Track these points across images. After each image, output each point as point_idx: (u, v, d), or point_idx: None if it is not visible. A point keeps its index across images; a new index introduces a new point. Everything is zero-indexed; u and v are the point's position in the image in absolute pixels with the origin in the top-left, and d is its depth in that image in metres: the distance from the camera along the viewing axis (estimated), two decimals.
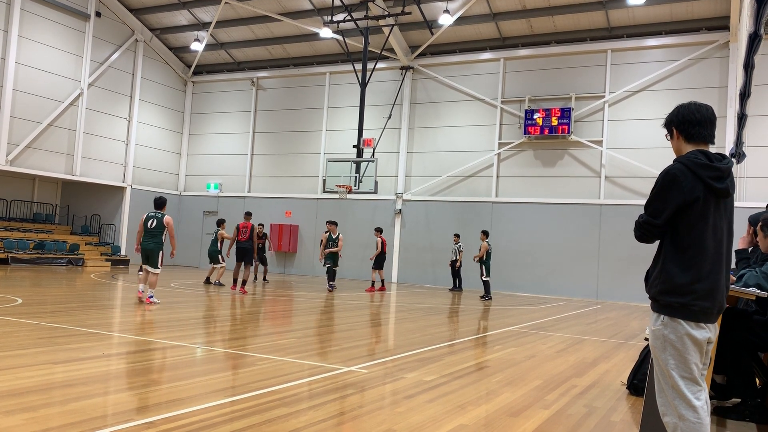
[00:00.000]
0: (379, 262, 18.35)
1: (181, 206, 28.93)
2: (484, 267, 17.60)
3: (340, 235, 17.61)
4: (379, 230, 19.10)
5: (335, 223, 17.67)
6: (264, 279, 19.77)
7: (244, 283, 15.07)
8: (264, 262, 19.44)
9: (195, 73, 29.33)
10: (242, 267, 15.44)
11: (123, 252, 25.97)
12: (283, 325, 9.67)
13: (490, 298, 17.64)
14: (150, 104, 27.58)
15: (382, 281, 18.72)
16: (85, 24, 24.57)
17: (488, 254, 17.67)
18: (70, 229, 26.34)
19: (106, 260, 24.40)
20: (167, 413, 4.18)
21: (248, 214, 16.27)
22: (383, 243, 18.42)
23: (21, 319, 8.22)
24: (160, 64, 28.08)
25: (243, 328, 9.03)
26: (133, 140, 26.73)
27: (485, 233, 18.11)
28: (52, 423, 3.81)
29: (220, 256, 16.96)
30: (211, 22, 25.98)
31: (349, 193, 21.75)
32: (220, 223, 17.84)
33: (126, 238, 26.23)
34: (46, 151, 23.39)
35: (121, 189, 26.38)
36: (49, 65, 23.30)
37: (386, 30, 23.10)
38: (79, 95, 24.37)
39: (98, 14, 24.98)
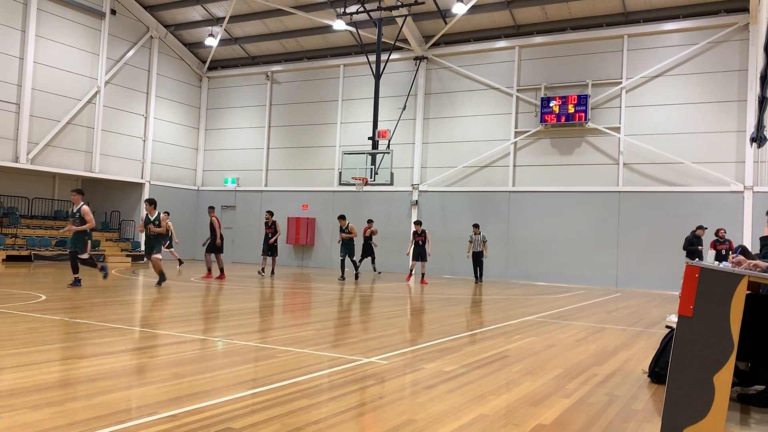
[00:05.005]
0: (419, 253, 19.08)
1: (199, 201, 29.14)
2: (350, 249, 18.88)
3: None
4: (419, 223, 19.22)
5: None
6: (271, 272, 19.46)
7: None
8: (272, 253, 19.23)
9: (210, 69, 29.46)
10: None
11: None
12: (302, 317, 9.73)
13: (345, 278, 18.91)
14: (166, 100, 27.76)
15: (417, 272, 19.33)
16: (101, 22, 24.76)
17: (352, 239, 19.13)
18: None
19: (127, 256, 24.69)
20: (190, 406, 4.23)
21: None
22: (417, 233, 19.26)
23: (45, 315, 8.35)
24: (175, 61, 28.23)
25: (262, 321, 9.09)
26: (151, 136, 26.94)
27: (342, 217, 19.59)
28: (78, 417, 3.88)
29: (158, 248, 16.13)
30: (224, 17, 26.05)
31: (365, 185, 21.77)
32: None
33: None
34: (66, 149, 23.68)
35: (140, 185, 26.64)
36: (66, 64, 23.54)
37: (399, 20, 23.01)
38: (96, 93, 24.61)
39: (113, 12, 25.17)
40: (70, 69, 23.71)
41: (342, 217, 19.08)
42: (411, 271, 19.42)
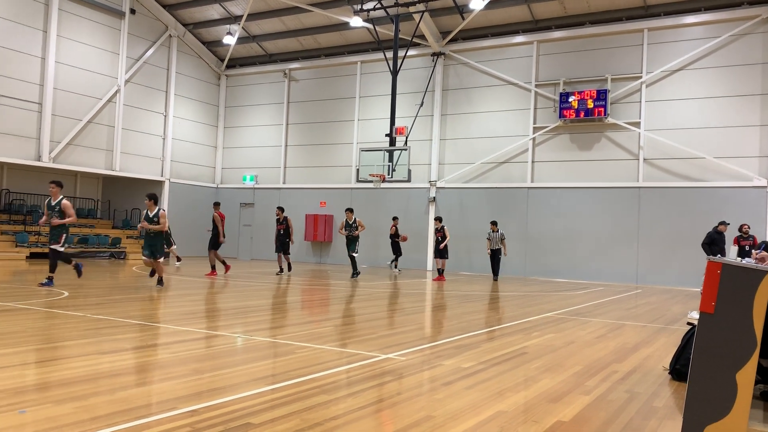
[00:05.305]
0: (447, 250, 18.78)
1: (219, 199, 29.33)
2: (355, 244, 18.06)
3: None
4: (440, 219, 19.15)
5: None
6: (288, 268, 18.84)
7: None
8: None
9: (228, 67, 29.63)
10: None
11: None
12: (321, 314, 9.76)
13: (359, 273, 18.15)
14: (185, 99, 27.99)
15: (443, 270, 18.70)
16: (120, 21, 25.02)
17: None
18: (111, 223, 26.99)
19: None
20: (210, 401, 4.27)
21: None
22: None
23: (68, 312, 8.46)
24: (193, 59, 28.44)
25: (281, 317, 9.15)
26: (170, 135, 27.18)
27: (350, 210, 18.61)
28: (100, 411, 3.93)
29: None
30: (242, 15, 26.17)
31: (382, 182, 21.76)
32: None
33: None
34: (87, 148, 23.97)
35: (160, 183, 26.89)
36: (87, 63, 23.82)
37: (417, 16, 22.95)
38: (116, 92, 24.87)
39: (132, 11, 25.41)
40: (90, 68, 23.99)
41: (349, 210, 18.36)
42: (439, 270, 18.76)
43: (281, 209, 18.82)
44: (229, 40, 26.88)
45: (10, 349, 5.87)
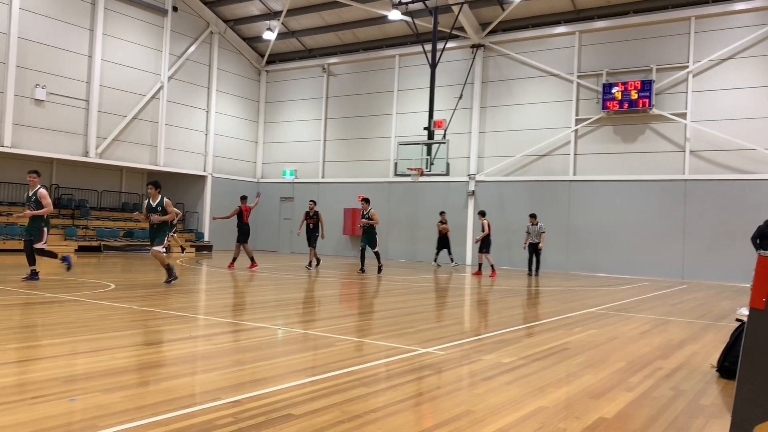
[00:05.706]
0: (486, 245, 18.07)
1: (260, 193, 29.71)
2: (374, 239, 17.06)
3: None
4: (482, 213, 18.69)
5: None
6: (309, 263, 18.27)
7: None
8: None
9: (268, 62, 29.92)
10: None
11: (206, 238, 26.99)
12: (360, 307, 9.81)
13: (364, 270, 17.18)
14: (226, 94, 28.39)
15: (491, 265, 18.16)
16: (163, 19, 25.50)
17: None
18: None
19: (191, 246, 25.43)
20: (252, 392, 4.33)
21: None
22: (488, 225, 18.20)
23: (114, 303, 8.69)
24: (234, 55, 28.81)
25: (320, 310, 9.22)
26: (212, 130, 27.63)
27: (366, 200, 17.59)
28: (146, 401, 4.03)
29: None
30: (282, 11, 26.38)
31: (420, 175, 21.71)
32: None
33: (208, 225, 27.26)
34: (132, 143, 24.55)
35: (203, 178, 27.38)
36: (131, 61, 24.37)
37: (456, 8, 22.77)
38: (160, 88, 25.38)
39: (175, 9, 25.86)
40: (135, 65, 24.53)
41: (365, 201, 17.38)
42: (480, 265, 18.36)
43: (314, 202, 18.61)
44: (269, 36, 27.13)
45: (60, 339, 6.06)
